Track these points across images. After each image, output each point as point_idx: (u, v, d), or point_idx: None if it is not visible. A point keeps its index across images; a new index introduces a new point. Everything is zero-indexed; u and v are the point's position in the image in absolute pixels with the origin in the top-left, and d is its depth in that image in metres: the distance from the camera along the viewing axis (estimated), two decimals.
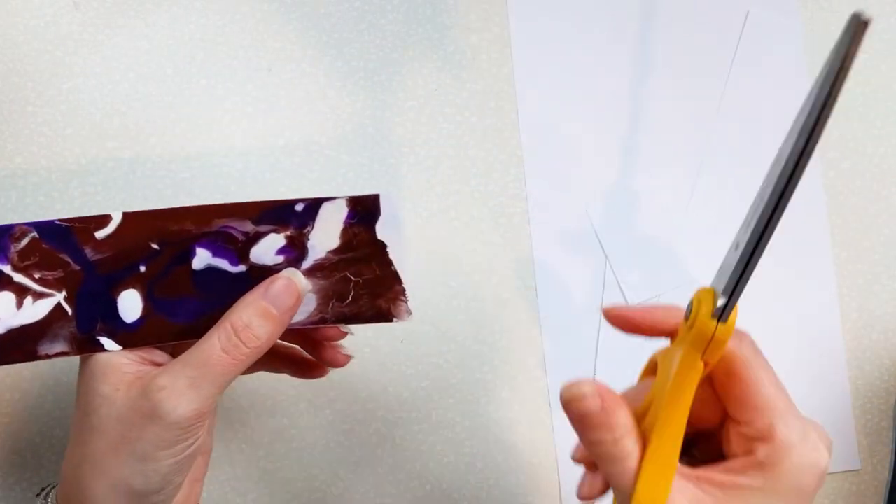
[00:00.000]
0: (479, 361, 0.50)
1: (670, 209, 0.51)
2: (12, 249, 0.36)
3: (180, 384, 0.34)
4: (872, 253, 0.52)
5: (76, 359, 0.37)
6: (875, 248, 0.52)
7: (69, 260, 0.36)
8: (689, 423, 0.31)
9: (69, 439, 0.37)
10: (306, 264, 0.38)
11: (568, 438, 0.50)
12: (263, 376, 0.48)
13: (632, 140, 0.52)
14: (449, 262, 0.50)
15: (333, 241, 0.38)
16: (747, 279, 0.29)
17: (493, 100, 0.51)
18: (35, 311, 0.36)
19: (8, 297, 0.36)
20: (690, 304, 0.31)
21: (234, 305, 0.36)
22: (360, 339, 0.49)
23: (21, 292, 0.36)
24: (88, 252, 0.36)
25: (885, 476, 0.51)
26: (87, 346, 0.36)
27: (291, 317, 0.37)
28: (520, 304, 0.50)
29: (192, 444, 0.35)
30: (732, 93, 0.52)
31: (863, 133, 0.53)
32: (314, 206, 0.37)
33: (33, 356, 0.36)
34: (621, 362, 0.50)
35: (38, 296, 0.36)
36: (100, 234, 0.36)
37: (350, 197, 0.37)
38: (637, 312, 0.35)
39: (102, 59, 0.49)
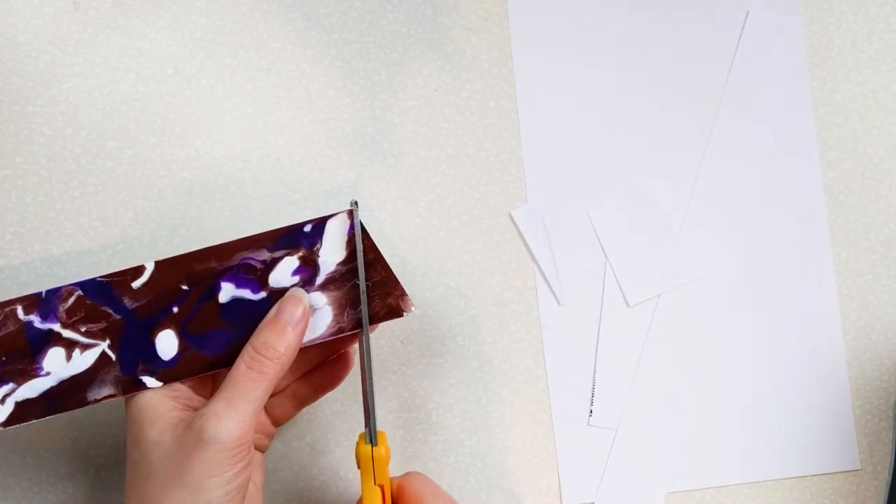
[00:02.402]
0: (479, 361, 0.50)
1: (670, 209, 0.51)
2: (61, 309, 0.39)
3: (218, 408, 0.37)
4: (872, 253, 0.52)
5: None
6: (875, 248, 0.52)
7: (111, 311, 0.39)
8: None
9: (124, 491, 0.39)
10: (320, 279, 0.41)
11: (568, 438, 0.50)
12: None
13: (632, 140, 0.52)
14: (449, 262, 0.50)
15: (340, 254, 0.41)
16: (373, 413, 0.40)
17: (493, 100, 0.51)
18: (83, 361, 0.39)
19: (58, 352, 0.39)
20: (356, 447, 0.40)
21: (255, 331, 0.39)
22: None
23: (70, 346, 0.39)
24: (127, 301, 0.39)
25: (885, 476, 0.51)
26: (130, 386, 0.39)
27: (304, 327, 0.40)
28: (520, 304, 0.50)
29: (240, 471, 0.37)
30: (732, 93, 0.52)
31: (863, 133, 0.53)
32: (320, 224, 0.41)
33: (83, 403, 0.40)
34: (621, 362, 0.50)
35: (85, 347, 0.39)
36: (136, 284, 0.40)
37: (349, 210, 0.41)
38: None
39: (102, 59, 0.49)
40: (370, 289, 0.41)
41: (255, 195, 0.49)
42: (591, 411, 0.50)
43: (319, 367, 0.45)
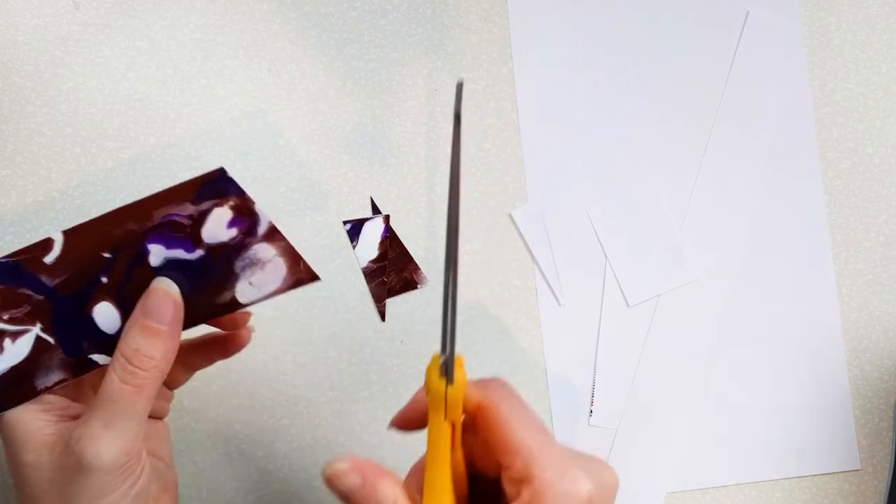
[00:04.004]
0: (479, 361, 0.50)
1: (670, 209, 0.51)
2: None
3: (95, 429, 0.33)
4: (872, 253, 0.52)
5: None
6: (875, 248, 0.52)
7: (30, 292, 0.35)
8: (477, 475, 0.33)
9: None
10: (262, 229, 0.36)
11: (568, 438, 0.50)
12: (267, 376, 0.48)
13: (632, 140, 0.52)
14: None
15: (373, 252, 0.39)
16: (453, 339, 0.32)
17: (493, 100, 0.51)
18: (17, 349, 0.36)
19: None
20: (427, 373, 0.33)
21: (122, 333, 0.35)
22: (360, 338, 0.49)
23: None
24: (45, 279, 0.35)
25: (885, 476, 0.51)
26: (81, 367, 0.36)
27: (179, 325, 0.35)
28: (520, 304, 0.50)
29: (132, 485, 0.35)
30: (732, 93, 0.52)
31: (863, 133, 0.53)
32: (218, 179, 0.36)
33: (33, 392, 0.36)
34: (621, 362, 0.50)
35: (15, 335, 0.36)
36: (48, 259, 0.35)
37: (385, 216, 0.38)
38: (405, 409, 0.36)
39: (102, 59, 0.49)
40: (385, 265, 0.38)
41: (255, 195, 0.49)
42: (591, 411, 0.50)
43: (211, 339, 0.41)
